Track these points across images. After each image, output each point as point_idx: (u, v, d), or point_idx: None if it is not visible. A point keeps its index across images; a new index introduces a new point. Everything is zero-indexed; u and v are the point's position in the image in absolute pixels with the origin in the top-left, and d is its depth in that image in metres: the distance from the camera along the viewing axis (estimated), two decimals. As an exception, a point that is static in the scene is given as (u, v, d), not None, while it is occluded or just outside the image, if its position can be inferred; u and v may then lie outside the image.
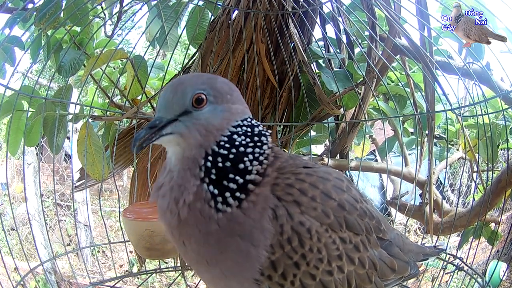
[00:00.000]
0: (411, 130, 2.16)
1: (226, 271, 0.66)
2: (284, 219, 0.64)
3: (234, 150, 0.65)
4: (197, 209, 0.64)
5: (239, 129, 0.67)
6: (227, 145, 0.65)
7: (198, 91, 0.64)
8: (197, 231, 0.64)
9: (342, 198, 0.70)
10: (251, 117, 0.71)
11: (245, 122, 0.68)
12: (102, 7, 1.59)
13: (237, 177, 0.64)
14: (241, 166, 0.65)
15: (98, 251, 4.83)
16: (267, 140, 0.69)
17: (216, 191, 0.63)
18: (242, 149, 0.66)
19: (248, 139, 0.67)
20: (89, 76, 1.41)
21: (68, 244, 5.11)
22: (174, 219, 0.65)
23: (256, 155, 0.66)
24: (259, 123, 0.71)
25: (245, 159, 0.65)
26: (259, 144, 0.68)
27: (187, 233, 0.66)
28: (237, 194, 0.63)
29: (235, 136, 0.66)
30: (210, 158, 0.64)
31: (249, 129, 0.68)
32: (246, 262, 0.64)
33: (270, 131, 0.74)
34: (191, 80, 0.67)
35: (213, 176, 0.64)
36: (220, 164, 0.64)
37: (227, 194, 0.63)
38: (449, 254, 1.32)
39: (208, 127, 0.65)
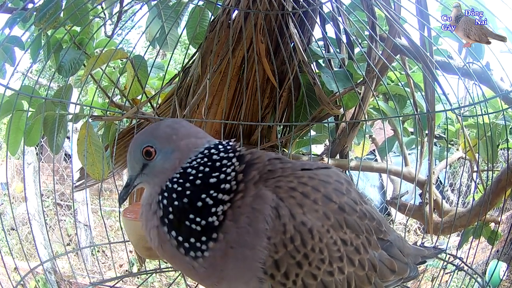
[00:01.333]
0: (411, 130, 2.15)
1: (232, 279, 0.67)
2: (287, 218, 0.65)
3: (188, 185, 0.66)
4: (170, 252, 0.67)
5: (194, 162, 0.68)
6: (180, 180, 0.67)
7: (144, 146, 0.71)
8: (186, 269, 0.67)
9: (342, 201, 0.72)
10: (210, 145, 0.71)
11: (199, 155, 0.69)
12: (102, 7, 1.59)
13: (198, 218, 0.64)
14: (199, 204, 0.65)
15: (98, 251, 4.83)
16: (231, 161, 0.69)
17: (180, 238, 0.65)
18: (198, 181, 0.66)
19: (207, 169, 0.67)
20: (89, 76, 1.41)
21: (68, 244, 5.11)
22: (160, 254, 0.69)
23: (222, 185, 0.66)
24: (222, 145, 0.71)
25: (203, 196, 0.65)
26: (224, 170, 0.68)
27: (180, 268, 0.70)
28: (203, 238, 0.64)
29: (189, 170, 0.68)
30: (165, 194, 0.67)
31: (206, 159, 0.69)
32: (246, 265, 0.65)
33: (238, 148, 0.73)
34: (138, 139, 0.74)
35: (171, 216, 0.65)
36: (176, 202, 0.66)
37: (192, 239, 0.64)
38: (449, 254, 1.32)
39: (163, 171, 0.70)
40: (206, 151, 0.70)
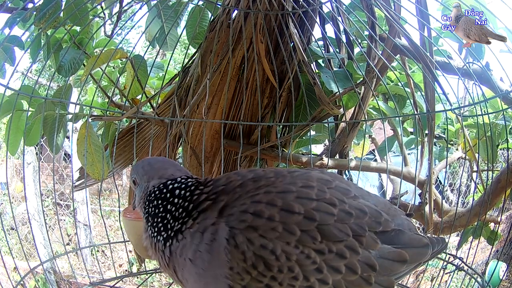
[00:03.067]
0: (411, 130, 2.16)
1: None
2: (245, 245, 0.64)
3: (150, 214, 0.78)
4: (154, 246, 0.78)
5: (151, 197, 0.78)
6: (147, 210, 0.79)
7: (132, 177, 0.85)
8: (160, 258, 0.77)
9: (309, 209, 0.67)
10: (167, 181, 0.77)
11: (153, 196, 0.77)
12: (102, 7, 1.59)
13: (160, 236, 0.76)
14: (161, 225, 0.75)
15: (98, 251, 4.83)
16: (185, 195, 0.74)
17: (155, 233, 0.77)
18: (153, 213, 0.77)
19: (159, 206, 0.76)
20: (89, 76, 1.41)
21: (68, 244, 5.11)
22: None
23: (170, 214, 0.74)
24: (179, 182, 0.77)
25: (156, 221, 0.76)
26: (171, 204, 0.74)
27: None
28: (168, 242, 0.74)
29: (147, 206, 0.79)
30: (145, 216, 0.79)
31: (158, 194, 0.77)
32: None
33: (199, 179, 0.79)
34: (133, 168, 0.87)
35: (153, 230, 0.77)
36: (154, 224, 0.77)
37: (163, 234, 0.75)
38: (448, 254, 1.32)
39: (139, 199, 0.83)
40: (161, 187, 0.77)
